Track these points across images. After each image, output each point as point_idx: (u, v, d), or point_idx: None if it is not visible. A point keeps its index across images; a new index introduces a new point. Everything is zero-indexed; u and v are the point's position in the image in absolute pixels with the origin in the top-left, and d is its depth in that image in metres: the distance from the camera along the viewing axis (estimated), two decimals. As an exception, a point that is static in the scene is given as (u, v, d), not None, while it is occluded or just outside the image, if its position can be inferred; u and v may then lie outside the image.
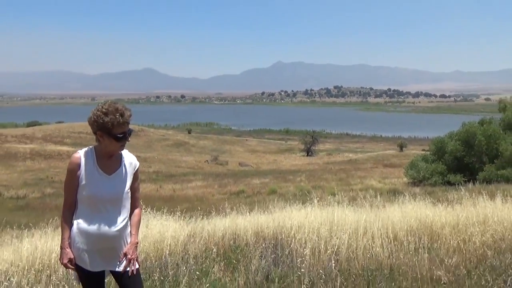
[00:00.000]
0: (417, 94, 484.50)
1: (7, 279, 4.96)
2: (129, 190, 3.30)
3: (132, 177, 3.33)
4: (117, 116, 3.09)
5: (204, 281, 5.18)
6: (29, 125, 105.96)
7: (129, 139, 3.24)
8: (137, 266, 3.32)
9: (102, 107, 3.13)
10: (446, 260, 5.33)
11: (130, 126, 3.21)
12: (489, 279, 4.43)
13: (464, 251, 5.68)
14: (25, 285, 4.66)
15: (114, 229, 3.21)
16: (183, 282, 4.96)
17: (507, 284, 4.15)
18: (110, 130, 3.10)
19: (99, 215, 3.19)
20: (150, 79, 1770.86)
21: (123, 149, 3.28)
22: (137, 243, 3.36)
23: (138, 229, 3.42)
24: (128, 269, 3.25)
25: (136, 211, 3.42)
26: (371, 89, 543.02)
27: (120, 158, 3.31)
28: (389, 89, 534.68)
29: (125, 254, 3.25)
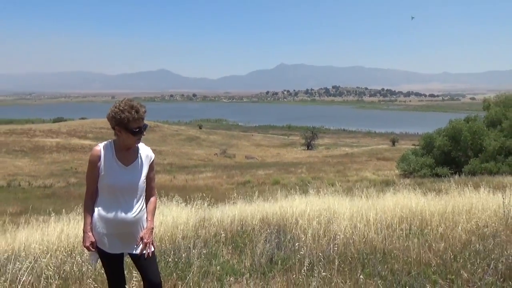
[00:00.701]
0: (408, 94, 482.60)
1: (36, 259, 4.99)
2: (145, 179, 3.31)
3: (147, 168, 3.34)
4: (133, 113, 3.11)
5: (213, 262, 5.19)
6: (55, 121, 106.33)
7: (144, 133, 3.25)
8: (152, 249, 3.33)
9: (119, 104, 3.15)
10: (434, 245, 5.32)
11: (146, 122, 3.23)
12: (473, 262, 4.42)
13: (450, 237, 5.66)
14: (52, 265, 4.68)
15: (131, 215, 3.22)
16: (195, 263, 4.97)
17: (490, 268, 4.13)
18: (127, 125, 3.12)
19: (117, 203, 3.21)
20: (164, 79, 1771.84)
21: (139, 143, 3.29)
22: (153, 228, 3.37)
23: (154, 216, 3.43)
24: (144, 252, 3.26)
25: (152, 199, 3.43)
26: (366, 89, 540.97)
27: (136, 150, 3.32)
28: (383, 89, 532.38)
29: (142, 238, 3.27)
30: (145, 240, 3.26)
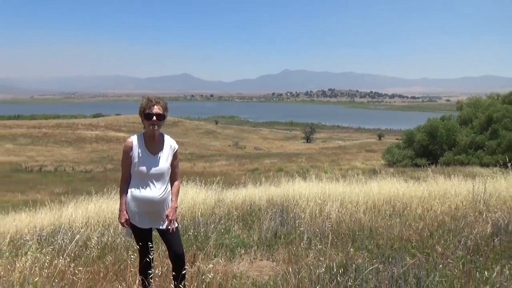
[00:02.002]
0: (392, 96, 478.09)
1: (78, 232, 5.04)
2: (169, 166, 3.32)
3: (172, 156, 3.35)
4: (146, 101, 3.24)
5: (227, 236, 5.22)
6: (95, 116, 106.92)
7: (158, 121, 3.22)
8: (176, 225, 3.35)
9: (142, 100, 3.31)
10: (413, 224, 5.31)
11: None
12: (447, 239, 4.40)
13: (427, 218, 5.64)
14: (92, 237, 4.73)
15: (158, 196, 3.24)
16: (212, 237, 4.99)
17: (461, 243, 4.12)
18: (143, 112, 3.23)
19: (147, 185, 3.22)
20: (186, 82, 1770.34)
21: (155, 128, 3.24)
22: (176, 207, 3.38)
23: (177, 197, 3.45)
24: (169, 227, 3.28)
25: (176, 182, 3.45)
26: (357, 91, 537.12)
27: (162, 141, 3.33)
28: (371, 92, 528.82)
29: (167, 216, 3.28)
30: (170, 217, 3.28)
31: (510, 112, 33.54)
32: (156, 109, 3.21)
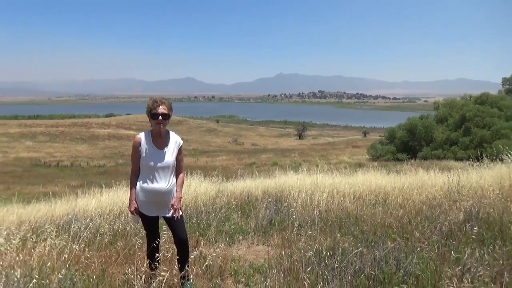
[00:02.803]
0: (376, 97, 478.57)
1: (92, 220, 5.04)
2: (175, 160, 3.31)
3: (177, 151, 3.34)
4: (153, 102, 3.23)
5: (227, 224, 5.23)
6: (107, 116, 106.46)
7: (163, 120, 3.22)
8: (180, 213, 3.35)
9: (149, 100, 3.30)
10: (394, 212, 5.32)
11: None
12: (424, 225, 4.43)
13: (407, 206, 5.66)
14: (105, 224, 4.73)
15: (165, 187, 3.24)
16: (213, 224, 5.00)
17: (436, 229, 4.14)
18: (149, 112, 3.23)
19: (154, 178, 3.22)
20: (190, 84, 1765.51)
21: (161, 127, 3.23)
22: (181, 197, 3.38)
23: (182, 188, 3.44)
24: (174, 215, 3.28)
25: (181, 175, 3.44)
26: (345, 93, 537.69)
27: (168, 137, 3.33)
28: (357, 93, 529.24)
29: (172, 205, 3.29)
30: (175, 206, 3.28)
31: (481, 112, 33.71)
32: (162, 109, 3.21)
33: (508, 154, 7.01)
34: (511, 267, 2.98)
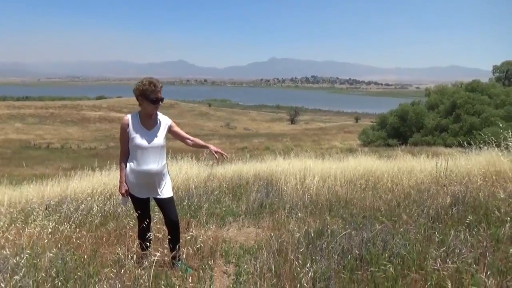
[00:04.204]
0: (369, 83, 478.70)
1: (83, 202, 5.03)
2: (164, 140, 3.31)
3: (166, 131, 3.33)
4: (152, 86, 3.15)
5: (218, 206, 5.26)
6: (98, 98, 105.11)
7: (161, 103, 3.24)
8: (171, 194, 3.36)
9: (142, 81, 3.21)
10: (383, 196, 5.39)
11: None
12: (411, 209, 4.50)
13: (396, 190, 5.74)
14: (96, 206, 4.72)
15: (155, 168, 3.23)
16: (204, 206, 5.03)
17: (423, 212, 4.22)
18: (148, 96, 3.15)
19: (144, 159, 3.20)
20: (182, 68, 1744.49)
21: (157, 110, 3.26)
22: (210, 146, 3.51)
23: (203, 142, 3.57)
24: (225, 155, 3.57)
25: (191, 137, 3.52)
26: (337, 78, 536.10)
27: (157, 118, 3.31)
28: (350, 79, 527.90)
29: (216, 152, 3.45)
30: (219, 151, 3.46)
31: (471, 99, 33.99)
32: (160, 94, 3.20)
33: (496, 141, 7.11)
34: (494, 249, 3.06)
